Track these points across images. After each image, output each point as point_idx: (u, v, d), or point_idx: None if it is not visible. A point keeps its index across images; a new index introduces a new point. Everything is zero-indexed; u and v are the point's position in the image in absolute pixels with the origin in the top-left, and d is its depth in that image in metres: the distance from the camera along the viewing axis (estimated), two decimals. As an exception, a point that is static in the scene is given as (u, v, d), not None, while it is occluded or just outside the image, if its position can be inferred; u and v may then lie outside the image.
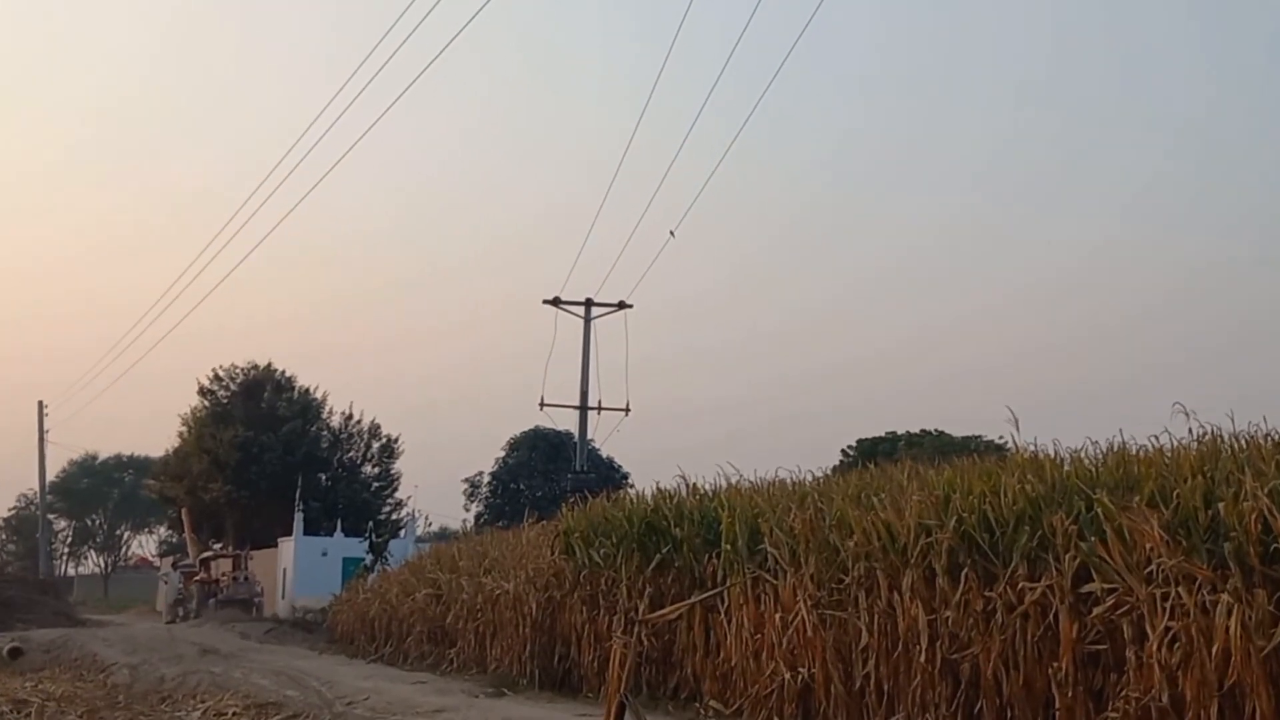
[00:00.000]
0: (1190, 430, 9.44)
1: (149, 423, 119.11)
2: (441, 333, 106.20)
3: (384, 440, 69.73)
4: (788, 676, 11.14)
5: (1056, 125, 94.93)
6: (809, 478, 13.73)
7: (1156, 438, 9.71)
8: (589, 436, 36.32)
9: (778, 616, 11.46)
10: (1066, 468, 9.90)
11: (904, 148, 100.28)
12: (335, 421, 68.91)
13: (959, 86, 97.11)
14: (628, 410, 35.05)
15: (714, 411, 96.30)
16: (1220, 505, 8.01)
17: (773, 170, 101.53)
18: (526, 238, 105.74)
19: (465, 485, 78.28)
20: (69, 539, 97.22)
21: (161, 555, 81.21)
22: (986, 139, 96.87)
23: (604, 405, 34.89)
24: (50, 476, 75.06)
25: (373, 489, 69.31)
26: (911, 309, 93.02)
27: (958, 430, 63.23)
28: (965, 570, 9.65)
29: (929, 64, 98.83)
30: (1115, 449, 10.04)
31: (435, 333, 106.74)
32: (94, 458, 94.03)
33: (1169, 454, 9.34)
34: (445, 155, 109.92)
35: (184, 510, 60.39)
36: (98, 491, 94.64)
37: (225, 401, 68.03)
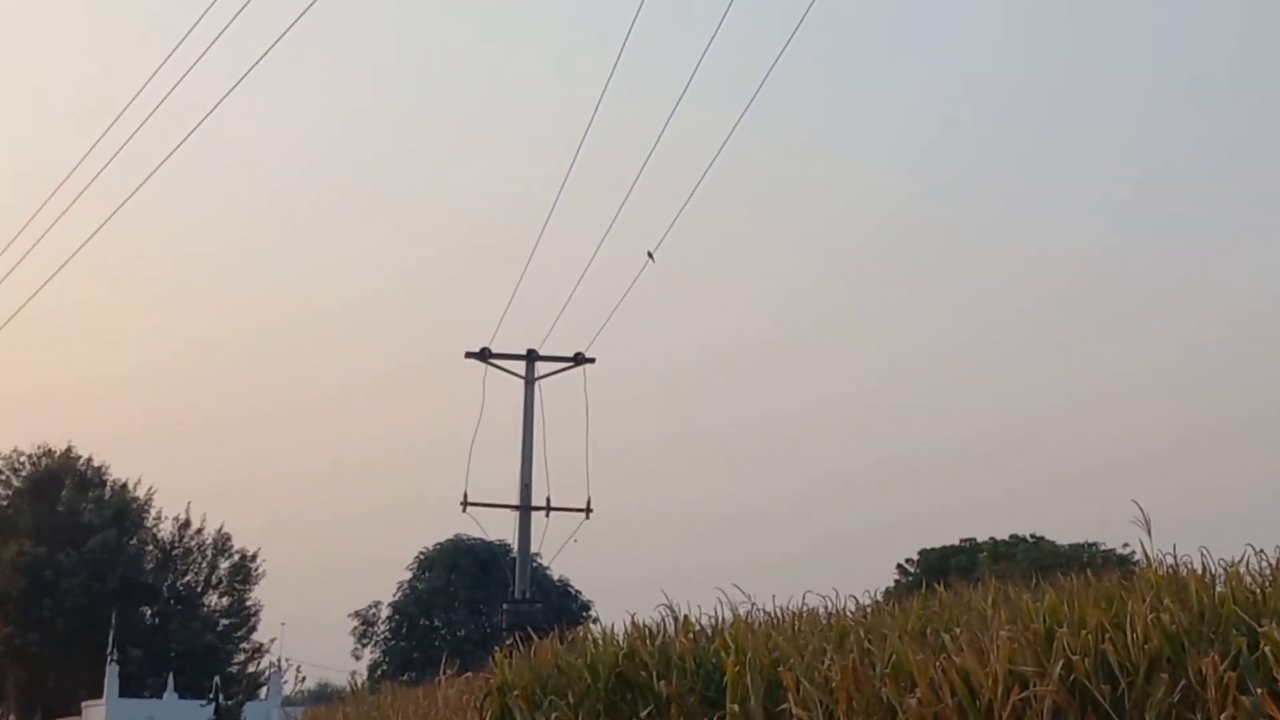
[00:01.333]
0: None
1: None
2: (320, 403, 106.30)
3: (236, 558, 69.44)
4: None
5: (1236, 130, 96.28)
6: (851, 606, 13.70)
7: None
8: (533, 550, 36.19)
9: (809, 808, 11.40)
10: (1220, 589, 9.91)
11: (997, 161, 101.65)
12: (165, 531, 68.70)
13: (1105, 77, 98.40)
14: (589, 511, 34.97)
15: (712, 513, 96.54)
16: None
17: (813, 175, 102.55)
18: (443, 265, 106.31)
19: (355, 622, 78.06)
20: None
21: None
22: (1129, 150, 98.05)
23: (555, 504, 34.81)
24: None
25: (220, 628, 68.94)
26: (1002, 379, 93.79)
27: (1062, 536, 63.59)
28: (1078, 738, 9.63)
29: (1063, 47, 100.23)
30: (1288, 562, 10.08)
31: (310, 402, 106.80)
32: None
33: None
34: (323, 146, 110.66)
35: (-55, 663, 59.98)
36: None
37: (4, 504, 67.65)
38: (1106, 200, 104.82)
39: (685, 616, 14.84)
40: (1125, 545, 52.72)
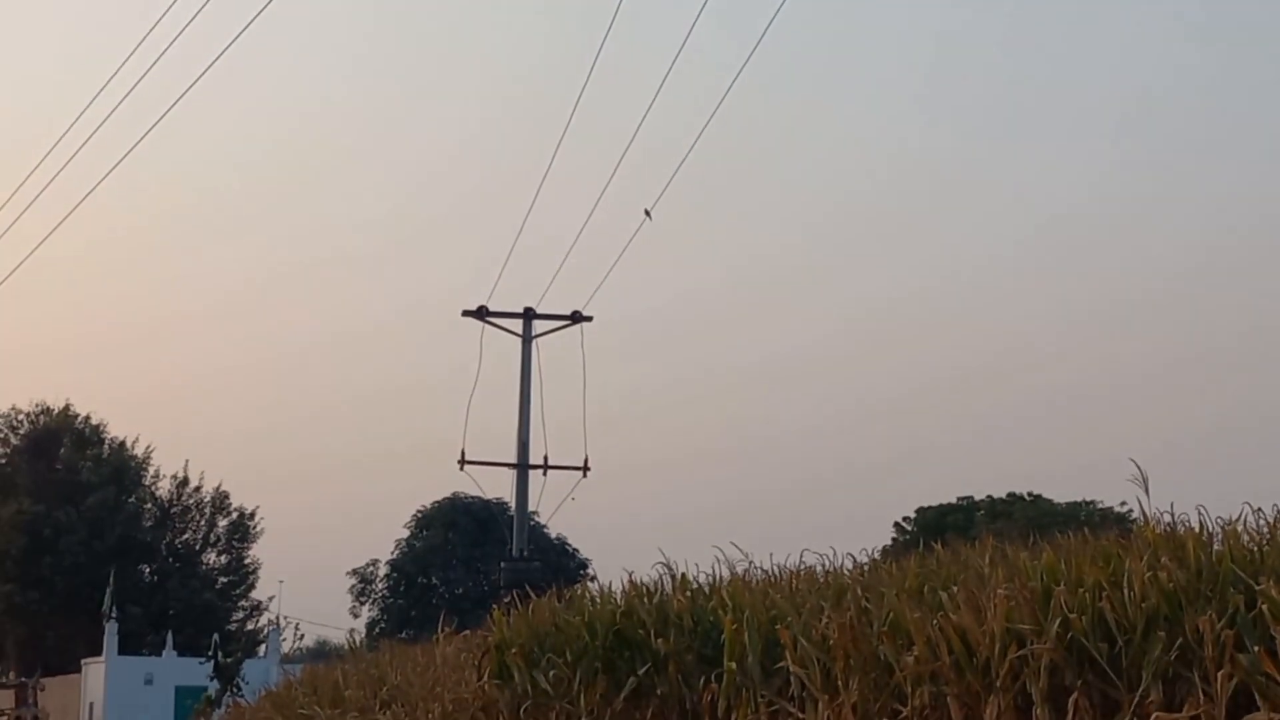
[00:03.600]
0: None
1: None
2: (317, 359, 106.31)
3: (235, 515, 69.61)
4: None
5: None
6: (848, 564, 13.71)
7: (1344, 502, 9.76)
8: (531, 508, 36.27)
9: (806, 765, 11.41)
10: (1218, 547, 9.91)
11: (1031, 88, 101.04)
12: (163, 489, 68.85)
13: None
14: (586, 469, 35.03)
15: (710, 472, 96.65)
16: None
17: (805, 125, 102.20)
18: (438, 220, 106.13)
19: (353, 580, 78.26)
20: None
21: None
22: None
23: (552, 463, 34.84)
24: None
25: (219, 586, 69.15)
26: (995, 322, 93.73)
27: (1060, 494, 63.76)
28: (1075, 696, 9.65)
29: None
30: (1287, 519, 10.08)
31: (307, 359, 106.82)
32: None
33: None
34: (323, 97, 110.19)
35: (-56, 621, 60.11)
36: None
37: (3, 462, 67.71)
38: (1094, 122, 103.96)
39: (683, 574, 14.85)
40: (1123, 503, 52.96)
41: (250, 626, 68.29)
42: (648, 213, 28.22)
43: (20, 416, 68.71)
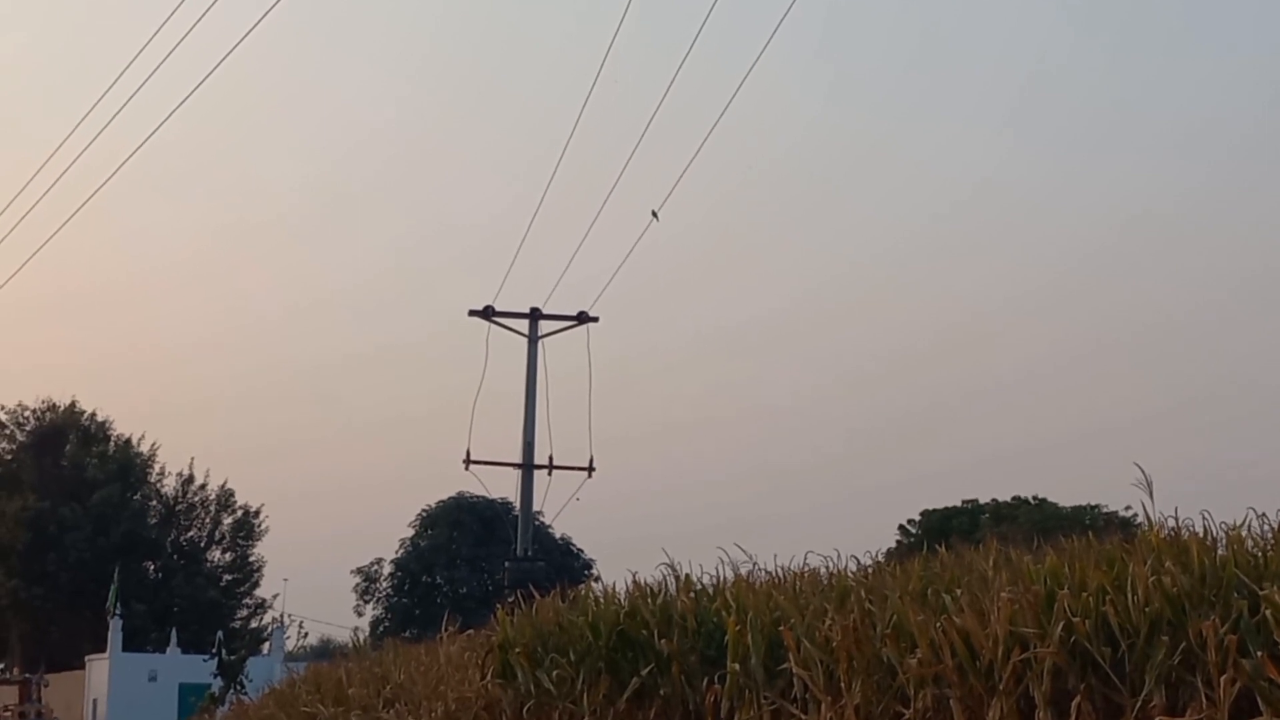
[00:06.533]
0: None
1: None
2: (324, 358, 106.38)
3: (239, 513, 69.66)
4: None
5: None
6: (852, 567, 13.71)
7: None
8: (535, 508, 36.26)
9: (808, 767, 11.41)
10: (1222, 552, 9.91)
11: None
12: (169, 486, 68.89)
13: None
14: (591, 470, 35.02)
15: (714, 473, 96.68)
16: None
17: (812, 129, 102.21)
18: (445, 221, 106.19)
19: (358, 579, 78.26)
20: None
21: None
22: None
23: (557, 463, 34.85)
24: None
25: (223, 584, 69.20)
26: (1005, 338, 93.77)
27: (1064, 498, 63.79)
28: (1078, 699, 9.66)
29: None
30: (1291, 525, 10.08)
31: (314, 359, 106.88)
32: None
33: (1367, 532, 9.37)
34: (330, 105, 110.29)
35: (-51, 616, 60.18)
36: None
37: (9, 459, 67.80)
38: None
39: (686, 575, 14.86)
40: (1127, 508, 52.84)
41: (254, 624, 68.40)
42: (655, 214, 28.20)
43: (26, 413, 68.80)
